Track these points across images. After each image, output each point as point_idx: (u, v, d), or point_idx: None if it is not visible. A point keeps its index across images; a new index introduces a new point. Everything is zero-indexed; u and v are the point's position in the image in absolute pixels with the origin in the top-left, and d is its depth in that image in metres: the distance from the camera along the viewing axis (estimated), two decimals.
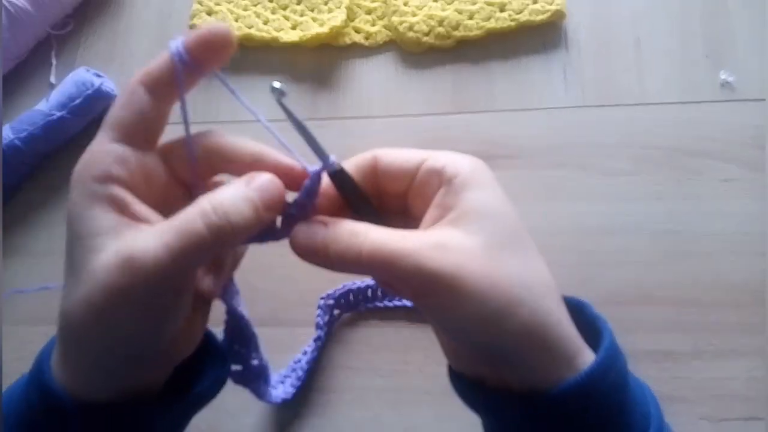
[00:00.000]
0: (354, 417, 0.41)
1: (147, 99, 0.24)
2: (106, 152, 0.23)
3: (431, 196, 0.25)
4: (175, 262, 0.21)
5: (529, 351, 0.24)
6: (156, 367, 0.26)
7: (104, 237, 0.22)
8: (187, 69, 0.23)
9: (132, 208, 0.23)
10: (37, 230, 0.50)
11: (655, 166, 0.45)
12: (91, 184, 0.23)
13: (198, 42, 0.23)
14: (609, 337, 0.26)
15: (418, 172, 0.26)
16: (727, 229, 0.43)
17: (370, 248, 0.23)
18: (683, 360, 0.40)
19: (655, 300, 0.41)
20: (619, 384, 0.25)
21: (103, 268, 0.22)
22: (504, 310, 0.23)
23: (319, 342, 0.42)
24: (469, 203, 0.24)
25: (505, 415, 0.26)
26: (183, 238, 0.22)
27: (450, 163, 0.25)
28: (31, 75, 0.56)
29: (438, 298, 0.23)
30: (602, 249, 0.43)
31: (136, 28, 0.57)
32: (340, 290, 0.43)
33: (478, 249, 0.23)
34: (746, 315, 0.40)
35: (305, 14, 0.53)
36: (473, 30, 0.50)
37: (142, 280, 0.21)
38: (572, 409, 0.24)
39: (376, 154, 0.27)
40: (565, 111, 0.48)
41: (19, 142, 0.49)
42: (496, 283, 0.23)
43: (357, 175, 0.26)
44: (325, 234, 0.24)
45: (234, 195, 0.23)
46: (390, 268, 0.23)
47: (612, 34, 0.50)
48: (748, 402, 0.38)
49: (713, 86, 0.47)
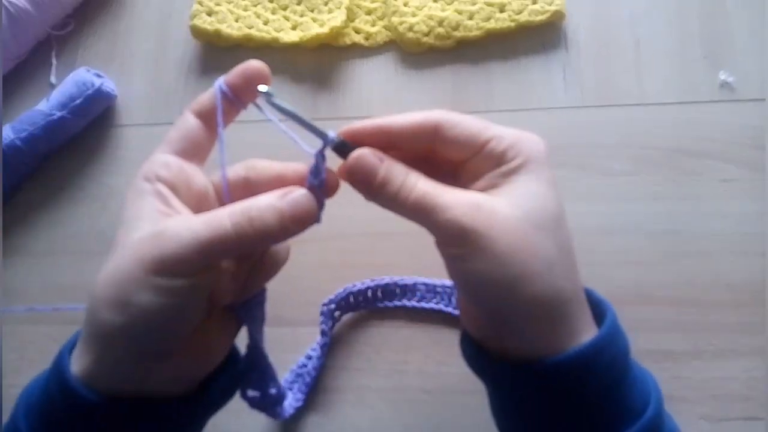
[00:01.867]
0: (354, 417, 0.41)
1: (194, 123, 0.28)
2: (157, 159, 0.28)
3: (486, 170, 0.27)
4: (199, 248, 0.24)
5: (533, 321, 0.25)
6: (177, 368, 0.26)
7: (145, 221, 0.25)
8: (228, 101, 0.28)
9: (171, 201, 0.26)
10: (38, 230, 0.50)
11: (654, 167, 0.45)
12: (142, 182, 0.27)
13: (237, 79, 0.28)
14: (611, 317, 0.27)
15: (482, 151, 0.27)
16: (727, 229, 0.43)
17: (417, 196, 0.26)
18: (683, 360, 0.40)
19: (654, 300, 0.41)
20: (618, 361, 0.26)
21: (135, 241, 0.25)
22: (519, 279, 0.24)
23: (325, 348, 0.42)
24: (518, 184, 0.26)
25: (504, 383, 0.27)
26: (209, 228, 0.24)
27: (512, 145, 0.27)
28: (32, 75, 0.56)
29: (469, 252, 0.25)
30: (601, 249, 0.43)
31: (136, 28, 0.57)
32: (341, 294, 0.43)
33: (512, 218, 0.25)
34: (746, 315, 0.40)
35: (305, 15, 0.54)
36: (473, 30, 0.50)
37: (168, 255, 0.24)
38: (570, 380, 0.25)
39: (440, 120, 0.27)
40: (565, 111, 0.48)
41: (19, 142, 0.49)
42: (519, 252, 0.24)
43: (411, 133, 0.28)
44: (384, 171, 0.26)
45: (264, 203, 0.25)
46: (429, 215, 0.25)
47: (611, 35, 0.50)
48: (748, 402, 0.38)
49: (712, 87, 0.47)
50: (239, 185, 0.28)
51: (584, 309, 0.27)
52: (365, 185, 0.27)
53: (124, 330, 0.24)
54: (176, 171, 0.27)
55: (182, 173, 0.28)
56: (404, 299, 0.43)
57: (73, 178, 0.52)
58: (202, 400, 0.28)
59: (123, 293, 0.24)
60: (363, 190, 0.27)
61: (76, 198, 0.51)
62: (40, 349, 0.45)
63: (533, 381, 0.26)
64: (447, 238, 0.26)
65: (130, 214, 0.26)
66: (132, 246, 0.25)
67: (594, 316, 0.27)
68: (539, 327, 0.25)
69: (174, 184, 0.27)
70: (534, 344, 0.25)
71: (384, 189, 0.26)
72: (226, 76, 0.29)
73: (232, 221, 0.25)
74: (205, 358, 0.28)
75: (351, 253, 0.45)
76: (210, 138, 0.29)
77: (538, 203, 0.26)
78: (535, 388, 0.26)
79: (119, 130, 0.53)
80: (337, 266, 0.45)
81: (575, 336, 0.25)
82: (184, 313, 0.25)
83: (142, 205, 0.26)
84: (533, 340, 0.25)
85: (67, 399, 0.25)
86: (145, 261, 0.24)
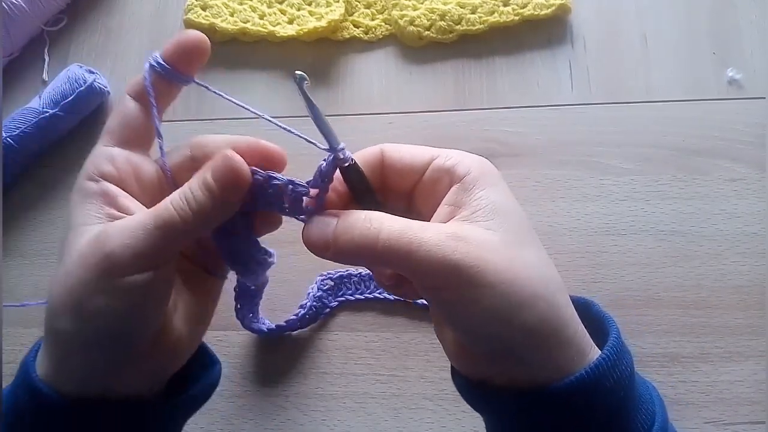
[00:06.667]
0: (354, 423, 0.40)
1: (133, 107, 0.26)
2: (99, 154, 0.26)
3: (440, 194, 0.26)
4: (150, 240, 0.23)
5: (542, 346, 0.24)
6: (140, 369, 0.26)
7: (91, 225, 0.24)
8: (165, 77, 0.26)
9: (119, 201, 0.25)
10: (29, 230, 0.49)
11: (661, 165, 0.44)
12: (84, 182, 0.25)
13: (172, 51, 0.26)
14: (615, 334, 0.26)
15: (427, 170, 0.26)
16: (734, 229, 0.42)
17: (387, 236, 0.23)
18: (689, 363, 0.39)
19: (661, 302, 0.41)
20: (624, 381, 0.25)
21: (83, 245, 0.24)
22: (524, 303, 0.23)
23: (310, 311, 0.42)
24: (482, 201, 0.24)
25: (509, 413, 0.26)
26: (156, 219, 0.23)
27: (460, 161, 0.26)
28: (24, 72, 0.55)
29: (458, 290, 0.23)
30: (607, 250, 0.42)
31: (129, 23, 0.56)
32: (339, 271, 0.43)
33: (497, 243, 0.23)
34: (753, 317, 0.40)
35: (302, 8, 0.52)
36: (476, 24, 0.49)
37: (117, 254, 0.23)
38: (577, 404, 0.24)
39: (384, 149, 0.27)
40: (570, 108, 0.47)
41: (11, 140, 0.48)
42: (517, 276, 0.23)
43: (363, 169, 0.26)
44: (338, 224, 0.24)
45: (194, 182, 0.24)
46: (408, 257, 0.23)
47: (618, 30, 0.49)
48: (754, 406, 0.38)
49: (720, 84, 0.46)
50: (187, 166, 0.27)
51: (580, 327, 0.26)
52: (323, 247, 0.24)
53: (79, 336, 0.24)
54: (122, 164, 0.26)
55: (128, 165, 0.26)
56: (407, 297, 0.42)
57: (64, 176, 0.51)
58: (176, 402, 0.27)
59: (75, 299, 0.23)
60: (325, 251, 0.25)
61: (67, 197, 0.49)
62: None
63: (542, 407, 0.24)
64: (437, 281, 0.23)
65: (76, 219, 0.25)
66: (79, 250, 0.24)
67: (594, 330, 0.26)
68: (548, 351, 0.24)
69: (121, 178, 0.25)
70: (543, 369, 0.24)
71: (342, 240, 0.24)
72: (162, 51, 0.26)
73: (174, 206, 0.24)
74: (171, 358, 0.27)
75: None
76: (149, 121, 0.27)
77: (511, 219, 0.25)
78: (543, 414, 0.25)
79: None
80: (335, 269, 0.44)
81: (582, 356, 0.24)
82: (139, 313, 0.24)
83: (86, 208, 0.25)
84: (542, 365, 0.24)
85: (34, 401, 0.25)
86: (93, 264, 0.23)
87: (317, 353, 0.42)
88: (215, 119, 0.50)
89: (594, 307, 0.29)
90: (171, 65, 0.26)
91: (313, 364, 0.42)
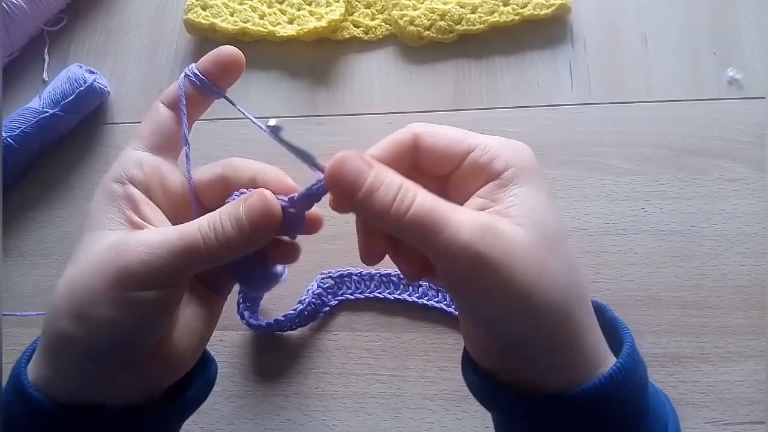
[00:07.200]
0: (354, 423, 0.40)
1: (166, 113, 0.27)
2: (128, 157, 0.26)
3: (476, 185, 0.25)
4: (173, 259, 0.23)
5: (559, 350, 0.23)
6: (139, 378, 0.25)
7: (111, 231, 0.24)
8: (199, 88, 0.27)
9: (141, 208, 0.25)
10: (29, 230, 0.49)
11: (660, 165, 0.44)
12: (111, 184, 0.25)
13: (209, 64, 0.27)
14: (630, 342, 0.26)
15: (465, 160, 0.25)
16: (734, 229, 0.42)
17: (418, 208, 0.22)
18: (690, 363, 0.39)
19: (660, 302, 0.41)
20: (638, 391, 0.25)
21: (100, 251, 0.23)
22: (547, 306, 0.22)
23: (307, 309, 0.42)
24: (518, 199, 0.24)
25: (521, 415, 0.25)
26: (182, 239, 0.23)
27: (498, 156, 0.25)
28: (24, 72, 0.55)
29: (483, 282, 0.22)
30: (607, 249, 0.42)
31: (129, 23, 0.56)
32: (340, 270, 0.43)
33: (527, 242, 0.23)
34: (754, 317, 0.40)
35: (302, 8, 0.52)
36: (476, 24, 0.49)
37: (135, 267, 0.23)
38: (590, 412, 0.24)
39: (417, 133, 0.26)
40: (570, 108, 0.47)
41: (11, 140, 0.48)
42: (544, 278, 0.22)
43: (392, 153, 0.26)
44: (373, 177, 0.23)
45: (225, 212, 0.24)
46: (435, 236, 0.22)
47: (618, 30, 0.49)
48: (754, 406, 0.38)
49: (720, 84, 0.46)
50: (216, 184, 0.27)
51: (598, 335, 0.25)
52: (350, 194, 0.23)
53: (81, 342, 0.23)
54: (150, 170, 0.26)
55: (156, 172, 0.26)
56: (405, 293, 0.42)
57: (64, 177, 0.51)
58: (170, 408, 0.27)
59: (82, 305, 0.23)
60: (349, 201, 0.23)
61: (68, 197, 0.50)
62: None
63: (552, 414, 0.24)
64: (456, 265, 0.22)
65: (96, 221, 0.25)
66: (95, 255, 0.23)
67: (608, 335, 0.26)
68: (564, 356, 0.24)
69: (147, 185, 0.26)
70: (551, 376, 0.24)
71: (375, 197, 0.22)
72: (197, 63, 0.27)
73: (201, 232, 0.23)
74: (171, 368, 0.27)
75: (349, 254, 0.44)
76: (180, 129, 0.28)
77: (545, 222, 0.24)
78: (554, 421, 0.24)
79: (112, 127, 0.52)
80: (336, 268, 0.44)
81: (597, 365, 0.24)
82: (145, 327, 0.24)
83: (109, 211, 0.25)
84: (550, 372, 0.24)
85: (25, 407, 0.24)
86: (107, 273, 0.23)
87: (317, 353, 0.42)
88: (215, 119, 0.50)
89: (607, 312, 0.28)
90: (206, 77, 0.27)
91: (312, 364, 0.42)
